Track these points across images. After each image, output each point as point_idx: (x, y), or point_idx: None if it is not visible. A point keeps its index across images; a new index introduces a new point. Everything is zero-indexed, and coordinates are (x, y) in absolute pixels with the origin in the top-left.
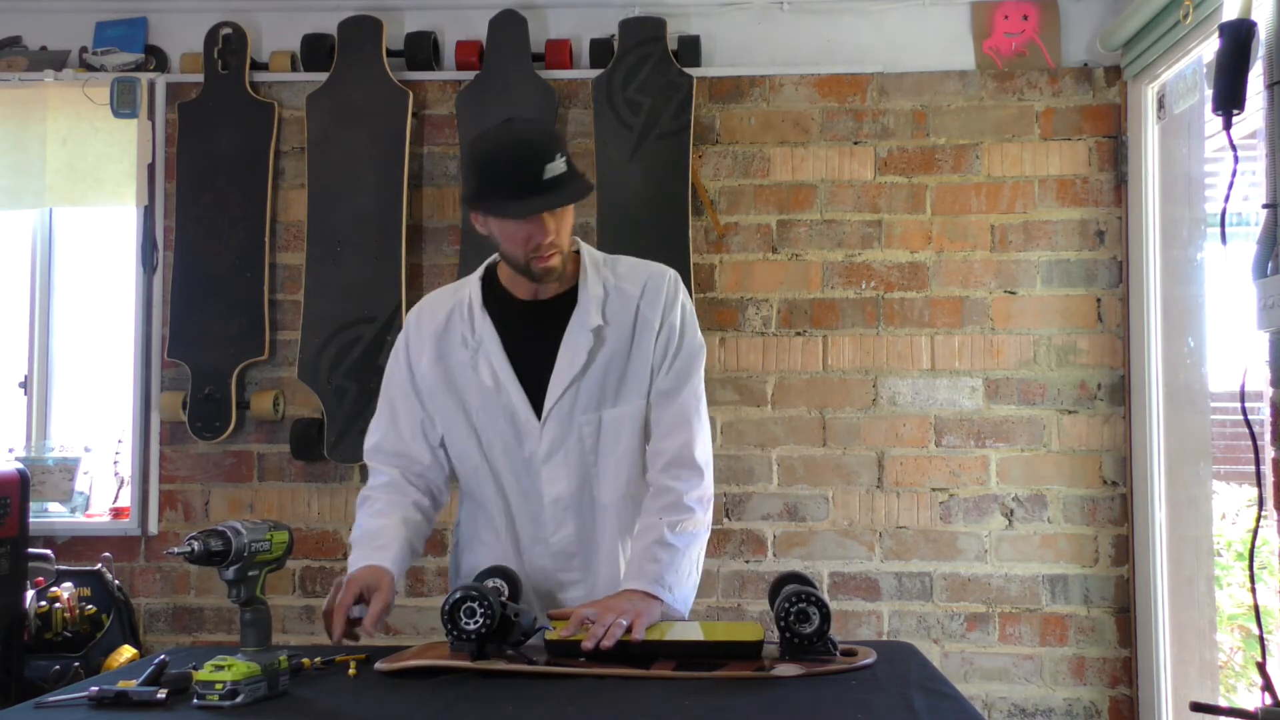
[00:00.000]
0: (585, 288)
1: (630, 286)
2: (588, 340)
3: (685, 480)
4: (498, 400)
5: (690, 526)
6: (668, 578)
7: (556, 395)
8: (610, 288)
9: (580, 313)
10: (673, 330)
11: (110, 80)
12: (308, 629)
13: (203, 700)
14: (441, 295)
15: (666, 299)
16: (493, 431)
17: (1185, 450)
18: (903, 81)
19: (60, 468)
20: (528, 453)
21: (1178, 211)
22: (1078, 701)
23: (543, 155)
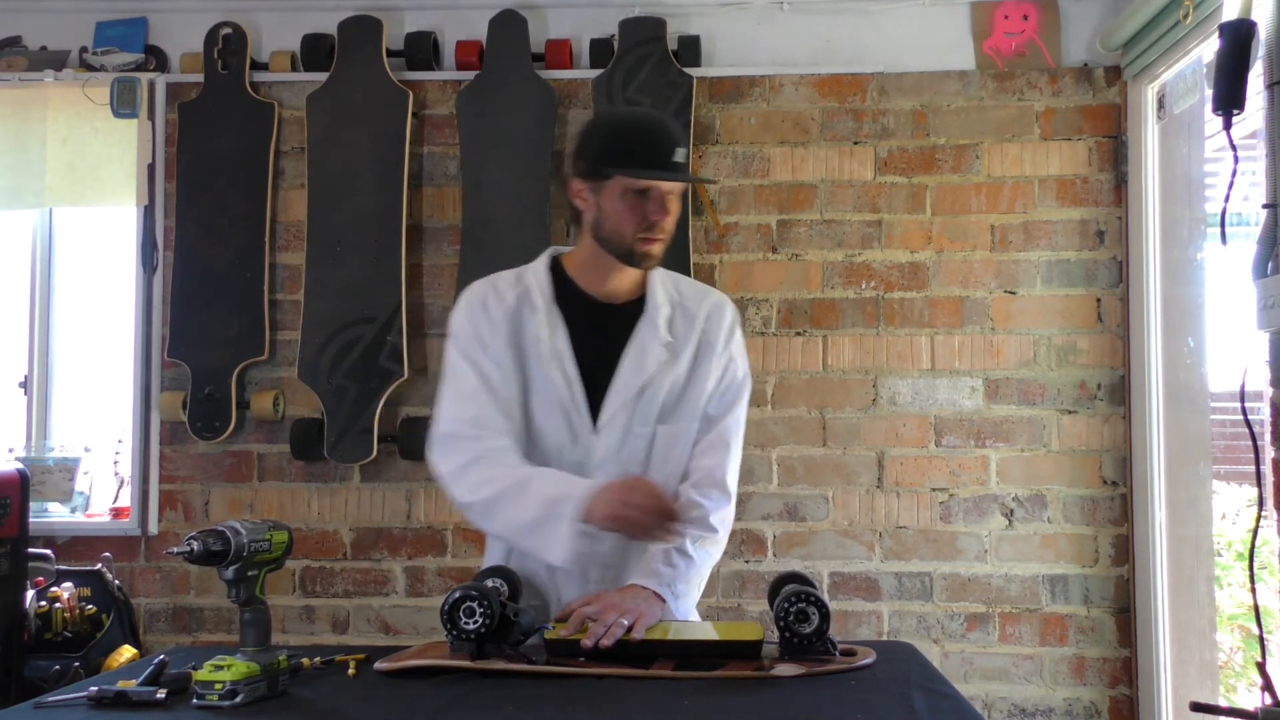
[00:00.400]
0: (653, 298)
1: (695, 306)
2: (657, 353)
3: (714, 500)
4: (560, 400)
5: (709, 546)
6: (678, 585)
7: (617, 405)
8: (675, 304)
9: (648, 324)
10: (731, 359)
11: (110, 80)
12: (308, 629)
13: (202, 700)
14: (503, 282)
15: (728, 327)
16: (550, 429)
17: (1185, 450)
18: (903, 81)
19: (60, 468)
20: (579, 457)
21: (1178, 211)
22: (1078, 701)
23: (677, 137)
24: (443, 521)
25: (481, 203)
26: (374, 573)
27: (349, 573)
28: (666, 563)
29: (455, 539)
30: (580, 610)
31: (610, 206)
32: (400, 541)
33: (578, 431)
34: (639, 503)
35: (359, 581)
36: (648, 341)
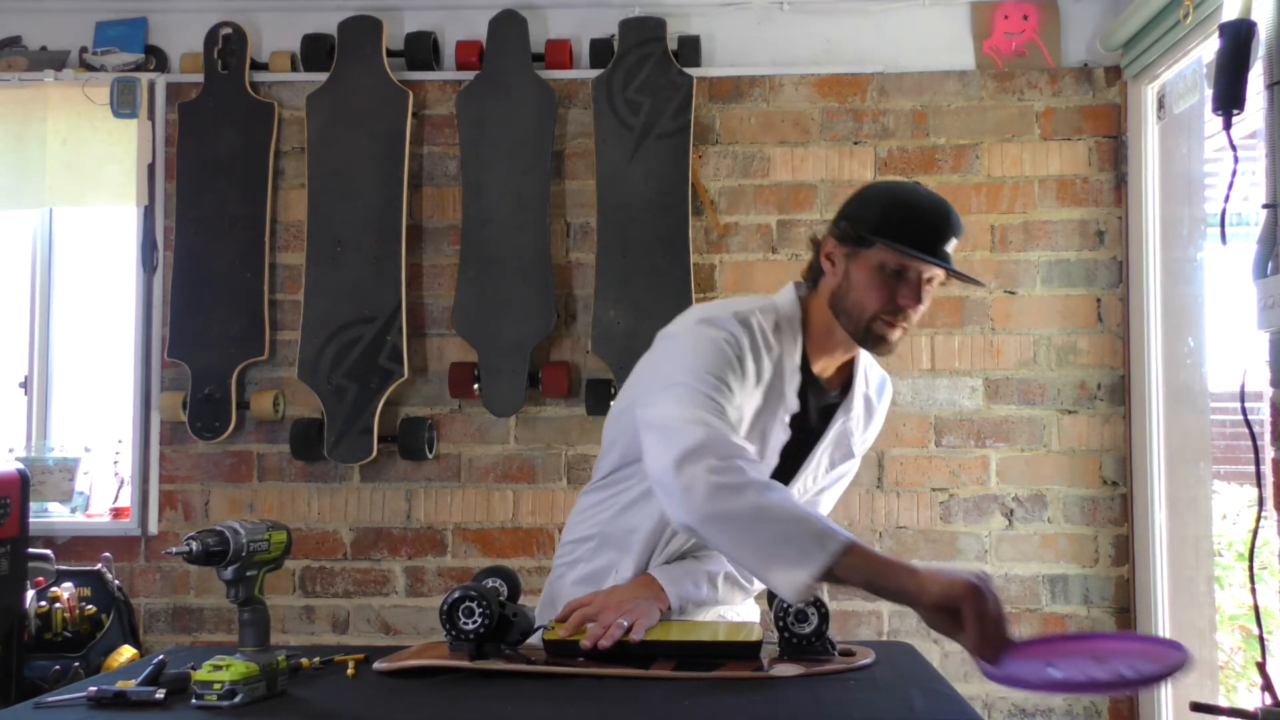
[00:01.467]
0: (856, 393)
1: (875, 397)
2: (843, 453)
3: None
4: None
5: (733, 593)
6: (690, 605)
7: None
8: (864, 395)
9: (844, 424)
10: (868, 445)
11: (110, 80)
12: (307, 629)
13: (201, 700)
14: (767, 325)
15: (884, 411)
16: None
17: (1185, 450)
18: (903, 81)
19: (60, 468)
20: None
21: (1178, 211)
22: (1078, 701)
23: (953, 227)
24: (442, 521)
25: (481, 203)
26: (374, 573)
27: (349, 573)
28: (694, 582)
29: (455, 539)
30: (580, 610)
31: (860, 278)
32: (400, 541)
33: None
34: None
35: (359, 581)
36: (841, 439)
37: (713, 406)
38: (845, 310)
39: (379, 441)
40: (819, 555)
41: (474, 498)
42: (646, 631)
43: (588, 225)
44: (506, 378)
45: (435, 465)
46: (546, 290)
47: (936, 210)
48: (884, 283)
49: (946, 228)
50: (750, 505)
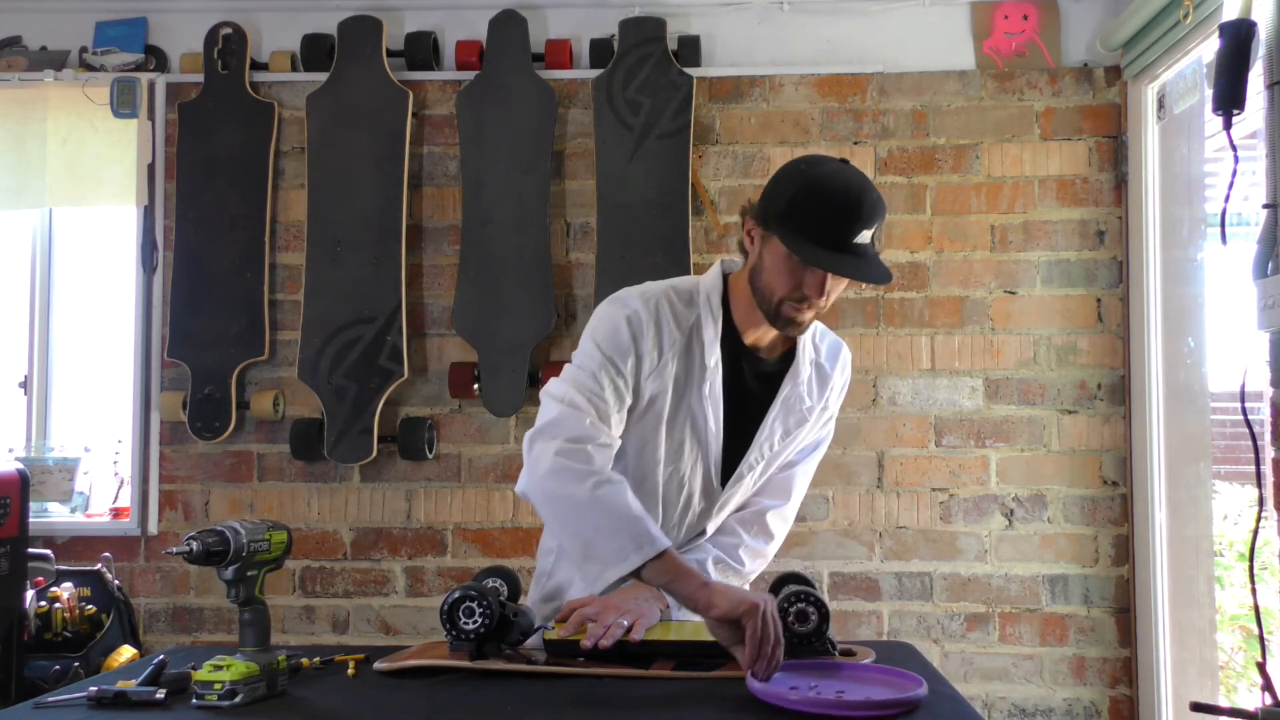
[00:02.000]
0: (801, 361)
1: (829, 366)
2: (797, 418)
3: (752, 537)
4: (698, 448)
5: (730, 575)
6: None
7: (746, 471)
8: (814, 362)
9: (793, 390)
10: (832, 417)
11: (110, 80)
12: (307, 629)
13: (201, 700)
14: (679, 301)
15: (844, 383)
16: (673, 469)
17: (1185, 450)
18: (903, 81)
19: (60, 468)
20: (704, 505)
21: (1178, 211)
22: (1078, 701)
23: (863, 219)
24: (442, 521)
25: (481, 203)
26: (374, 573)
27: (349, 573)
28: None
29: (455, 539)
30: (580, 610)
31: (770, 261)
32: (400, 541)
33: (699, 484)
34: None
35: (359, 581)
36: (791, 406)
37: (591, 386)
38: (758, 289)
39: (379, 441)
40: (634, 557)
41: (474, 498)
42: (646, 631)
43: (588, 225)
44: (506, 378)
45: (435, 465)
46: (546, 290)
47: (843, 202)
48: (791, 270)
49: (852, 221)
50: (585, 494)
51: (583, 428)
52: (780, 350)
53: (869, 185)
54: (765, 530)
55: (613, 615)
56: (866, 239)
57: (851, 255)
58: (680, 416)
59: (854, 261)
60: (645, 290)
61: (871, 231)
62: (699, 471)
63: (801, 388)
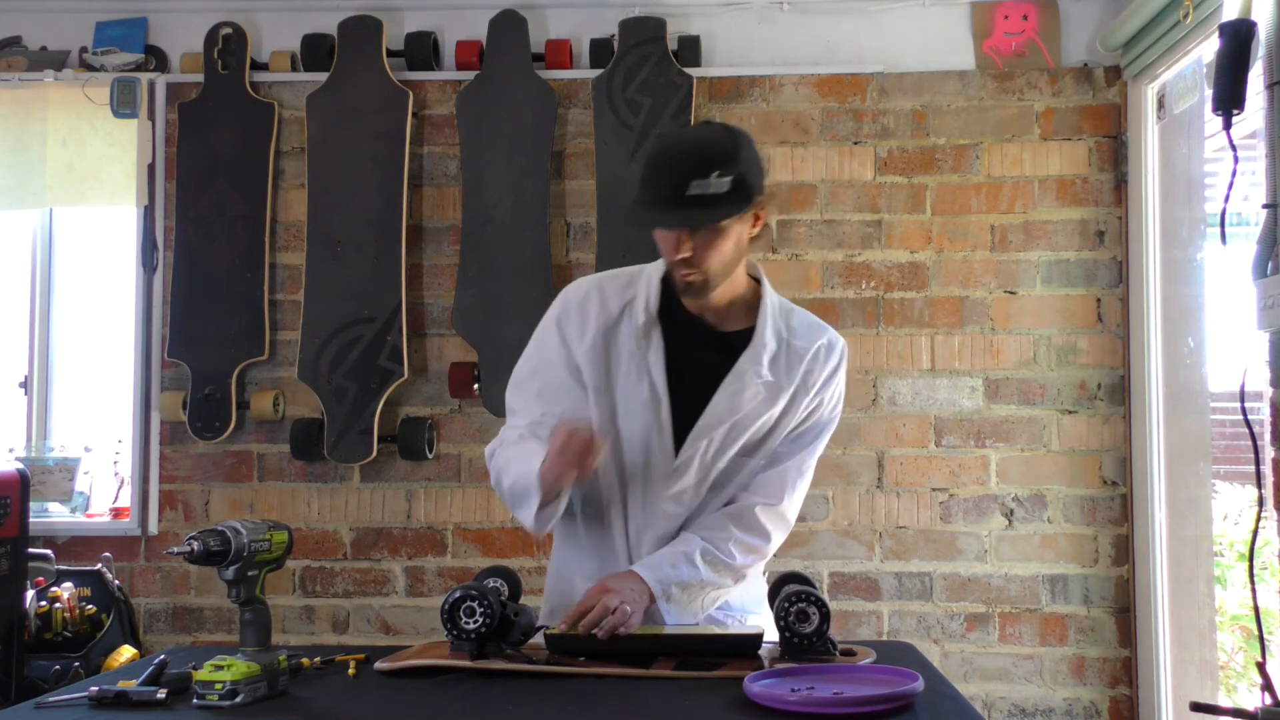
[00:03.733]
0: (761, 335)
1: (801, 345)
2: (755, 391)
3: (742, 531)
4: (646, 414)
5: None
6: (673, 589)
7: (705, 433)
8: (782, 341)
9: (750, 361)
10: (820, 405)
11: (110, 80)
12: (308, 629)
13: (202, 700)
14: (615, 283)
15: (831, 370)
16: (627, 443)
17: (1185, 450)
18: (903, 81)
19: (60, 468)
20: (653, 477)
21: (1178, 211)
22: (1078, 701)
23: (695, 169)
24: (443, 521)
25: (481, 203)
26: (374, 573)
27: (349, 573)
28: (670, 563)
29: (455, 539)
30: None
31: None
32: (400, 541)
33: (654, 453)
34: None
35: (359, 581)
36: (747, 377)
37: (525, 386)
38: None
39: (379, 441)
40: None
41: (474, 498)
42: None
43: (588, 225)
44: (507, 377)
45: (435, 465)
46: (546, 290)
47: (665, 157)
48: (658, 236)
49: (681, 171)
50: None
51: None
52: (740, 324)
53: (711, 134)
54: (756, 525)
55: (616, 598)
56: (714, 187)
57: (684, 207)
58: (622, 384)
59: (679, 213)
60: (584, 280)
61: (711, 179)
62: (651, 435)
63: (762, 362)
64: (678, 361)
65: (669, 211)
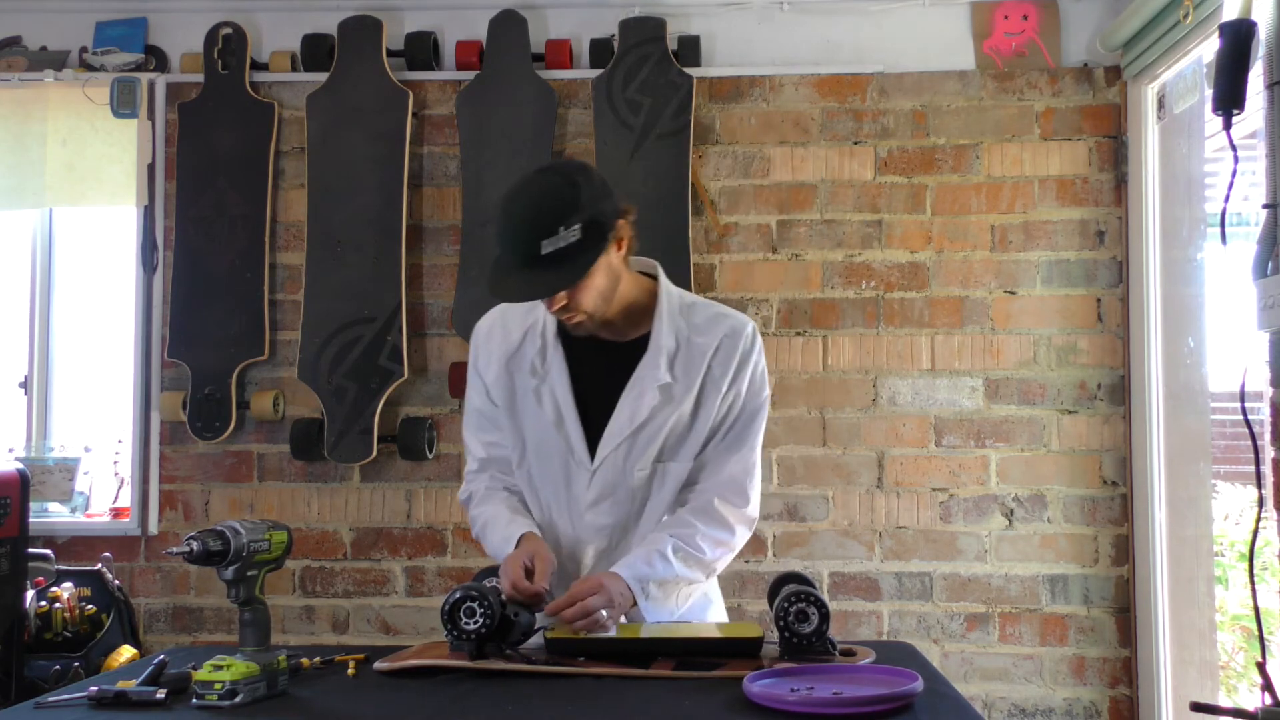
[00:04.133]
0: (657, 338)
1: (704, 340)
2: (652, 396)
3: (705, 524)
4: (555, 436)
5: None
6: (651, 586)
7: (611, 446)
8: (682, 339)
9: (648, 365)
10: (739, 394)
11: (110, 80)
12: (308, 629)
13: (202, 700)
14: (515, 313)
15: (740, 358)
16: (545, 465)
17: (1185, 450)
18: (903, 81)
19: (60, 468)
20: (574, 494)
21: (1178, 211)
22: (1078, 701)
23: (543, 229)
24: (443, 521)
25: (481, 203)
26: (374, 573)
27: (349, 573)
28: (646, 561)
29: (455, 539)
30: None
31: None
32: (400, 541)
33: (572, 471)
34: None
35: (359, 581)
36: (646, 382)
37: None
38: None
39: (379, 441)
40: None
41: None
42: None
43: None
44: None
45: (435, 465)
46: None
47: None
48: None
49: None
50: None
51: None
52: (640, 330)
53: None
54: (718, 518)
55: (600, 601)
56: (564, 240)
57: (542, 268)
58: (530, 410)
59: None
60: (495, 309)
61: (560, 234)
62: (566, 455)
63: (660, 365)
64: (582, 378)
65: (529, 276)
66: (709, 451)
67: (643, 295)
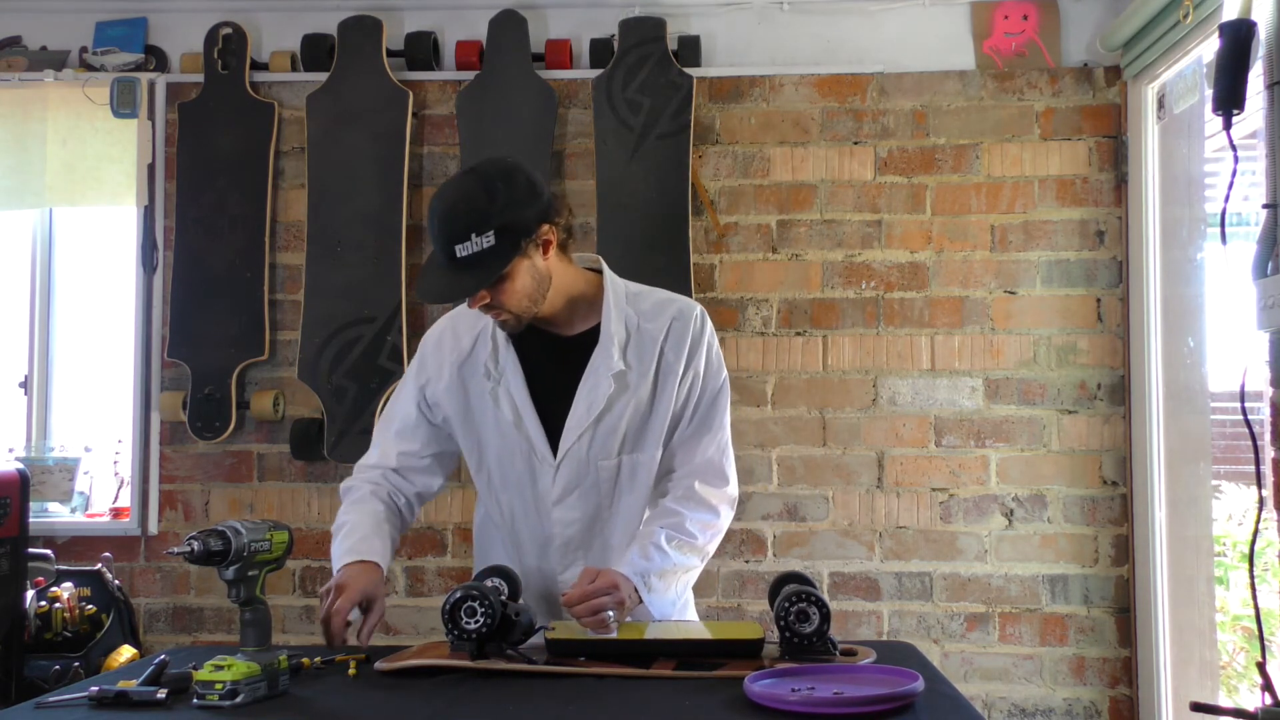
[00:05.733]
0: (606, 327)
1: (653, 326)
2: (607, 385)
3: (691, 509)
4: (515, 435)
5: (686, 550)
6: (652, 578)
7: (573, 439)
8: (633, 327)
9: (601, 355)
10: (697, 376)
11: (110, 80)
12: (308, 629)
13: (202, 700)
14: (466, 317)
15: (692, 341)
16: (507, 466)
17: (1185, 450)
18: (903, 81)
19: (60, 468)
20: (540, 491)
21: (1178, 211)
22: (1078, 701)
23: (456, 234)
24: (443, 521)
25: None
26: None
27: None
28: (643, 555)
29: (455, 539)
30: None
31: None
32: (400, 541)
33: (536, 467)
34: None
35: None
36: (600, 372)
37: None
38: None
39: None
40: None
41: (474, 498)
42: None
43: (588, 225)
44: None
45: None
46: None
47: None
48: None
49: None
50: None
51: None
52: (588, 323)
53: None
54: (702, 501)
55: (609, 601)
56: (477, 246)
57: (456, 270)
58: (486, 413)
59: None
60: (443, 318)
61: (473, 240)
62: (529, 455)
63: (612, 355)
64: (537, 376)
65: (449, 277)
66: (678, 438)
67: (588, 289)
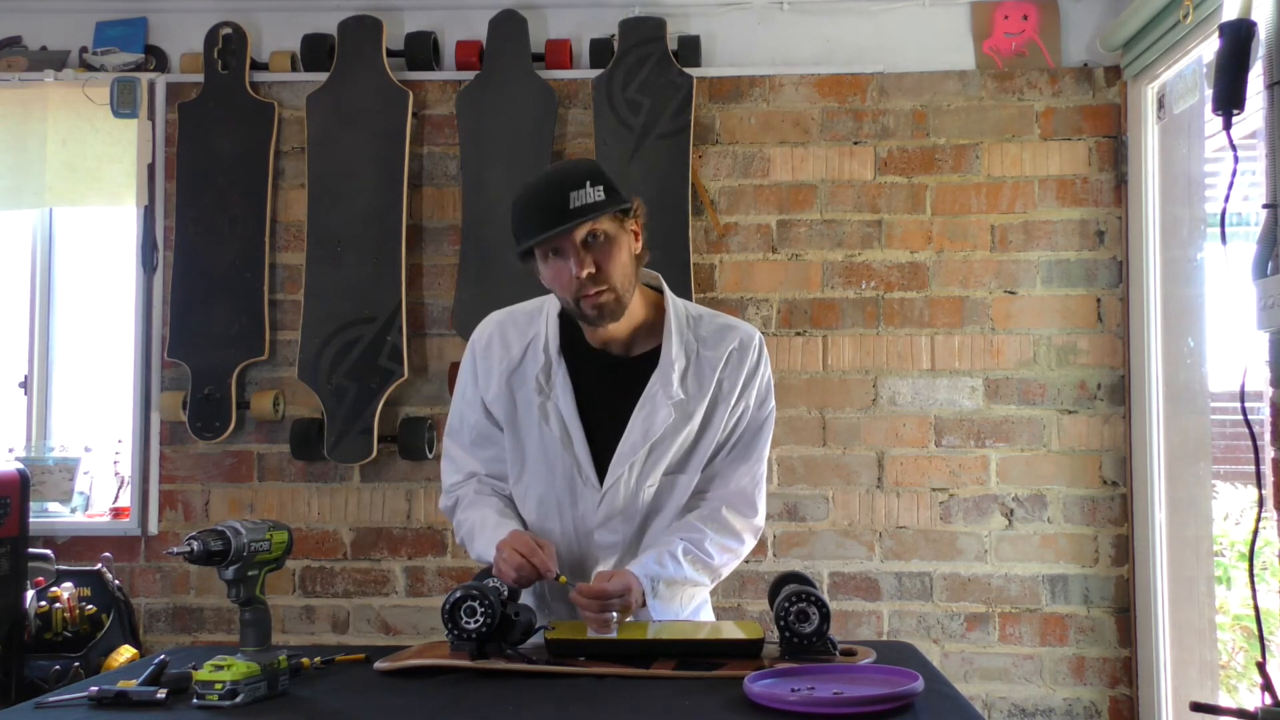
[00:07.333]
0: (668, 352)
1: (713, 353)
2: (666, 414)
3: (714, 531)
4: (561, 454)
5: (699, 567)
6: (660, 585)
7: (623, 467)
8: (692, 354)
9: (660, 381)
10: (747, 408)
11: (110, 80)
12: (308, 629)
13: (202, 700)
14: (516, 321)
15: (748, 371)
16: (549, 483)
17: (1185, 450)
18: (903, 81)
19: (60, 468)
20: (581, 513)
21: (1178, 211)
22: (1078, 701)
23: (568, 183)
24: (443, 521)
25: (481, 203)
26: (374, 573)
27: (349, 573)
28: (658, 561)
29: (455, 539)
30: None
31: (544, 276)
32: (400, 541)
33: (578, 489)
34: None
35: (359, 581)
36: (659, 399)
37: (459, 435)
38: (565, 307)
39: (379, 441)
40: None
41: None
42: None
43: None
44: None
45: (435, 465)
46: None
47: (542, 184)
48: (556, 271)
49: (559, 188)
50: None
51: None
52: (647, 345)
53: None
54: (727, 527)
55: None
56: (591, 196)
57: (579, 215)
58: (533, 427)
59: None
60: (490, 318)
61: (587, 189)
62: (572, 473)
63: (673, 383)
64: (587, 395)
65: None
66: (718, 463)
67: (649, 310)
